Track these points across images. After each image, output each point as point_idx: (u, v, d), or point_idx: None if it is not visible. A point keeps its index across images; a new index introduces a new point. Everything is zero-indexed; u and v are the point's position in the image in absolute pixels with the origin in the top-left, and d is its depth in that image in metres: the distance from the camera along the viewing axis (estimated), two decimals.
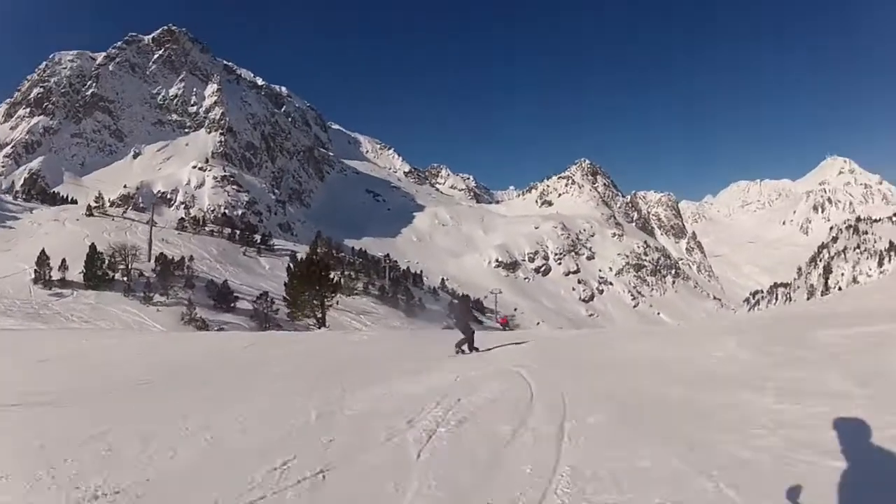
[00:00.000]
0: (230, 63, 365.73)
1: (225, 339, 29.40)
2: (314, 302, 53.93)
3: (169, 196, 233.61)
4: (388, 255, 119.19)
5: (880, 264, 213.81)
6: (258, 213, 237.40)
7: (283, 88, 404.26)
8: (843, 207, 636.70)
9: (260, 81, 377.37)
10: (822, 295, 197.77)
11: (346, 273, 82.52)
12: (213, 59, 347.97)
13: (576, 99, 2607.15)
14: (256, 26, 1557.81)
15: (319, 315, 53.89)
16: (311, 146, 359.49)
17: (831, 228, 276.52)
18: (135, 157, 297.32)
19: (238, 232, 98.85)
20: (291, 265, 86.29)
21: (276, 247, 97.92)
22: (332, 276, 59.30)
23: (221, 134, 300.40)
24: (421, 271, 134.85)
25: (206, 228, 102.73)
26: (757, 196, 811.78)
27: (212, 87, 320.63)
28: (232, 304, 65.37)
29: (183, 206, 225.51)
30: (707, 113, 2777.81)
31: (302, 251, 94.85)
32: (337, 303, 63.12)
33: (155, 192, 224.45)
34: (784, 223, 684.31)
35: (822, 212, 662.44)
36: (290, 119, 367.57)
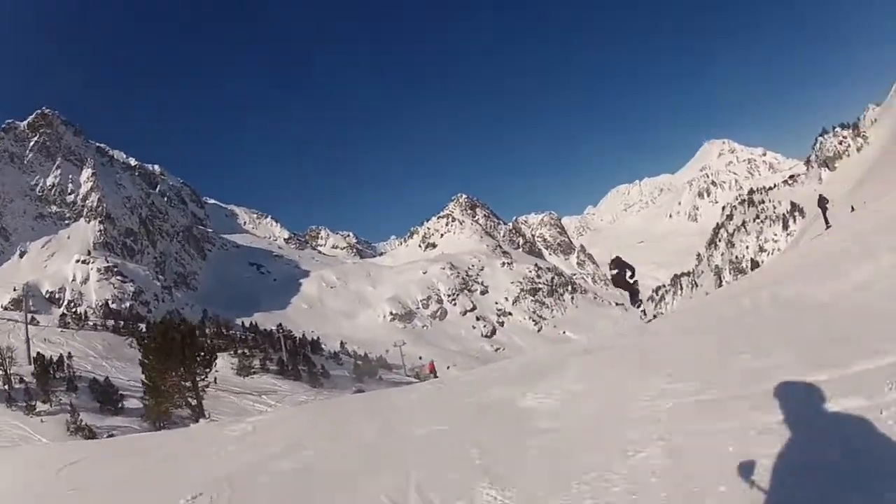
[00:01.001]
0: (102, 144, 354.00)
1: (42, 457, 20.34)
2: (184, 384, 41.22)
3: (57, 295, 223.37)
4: (280, 325, 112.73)
5: (785, 227, 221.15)
6: (146, 302, 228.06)
7: (156, 167, 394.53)
8: (729, 187, 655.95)
9: (133, 161, 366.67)
10: (740, 272, 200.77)
11: (239, 352, 76.65)
12: (86, 142, 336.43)
13: (439, 135, 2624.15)
14: (123, 101, 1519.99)
15: (195, 402, 41.28)
16: (189, 225, 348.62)
17: (724, 208, 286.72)
18: (21, 255, 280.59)
19: (122, 323, 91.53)
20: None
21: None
22: (202, 344, 49.15)
23: (100, 222, 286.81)
24: (318, 338, 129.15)
25: (90, 323, 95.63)
26: (638, 196, 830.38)
27: (87, 173, 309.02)
28: (119, 405, 57.84)
29: (72, 303, 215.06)
30: (573, 126, 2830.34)
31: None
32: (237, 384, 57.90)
33: (43, 291, 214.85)
34: (671, 216, 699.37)
35: (709, 196, 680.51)
36: (165, 199, 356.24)
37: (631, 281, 22.66)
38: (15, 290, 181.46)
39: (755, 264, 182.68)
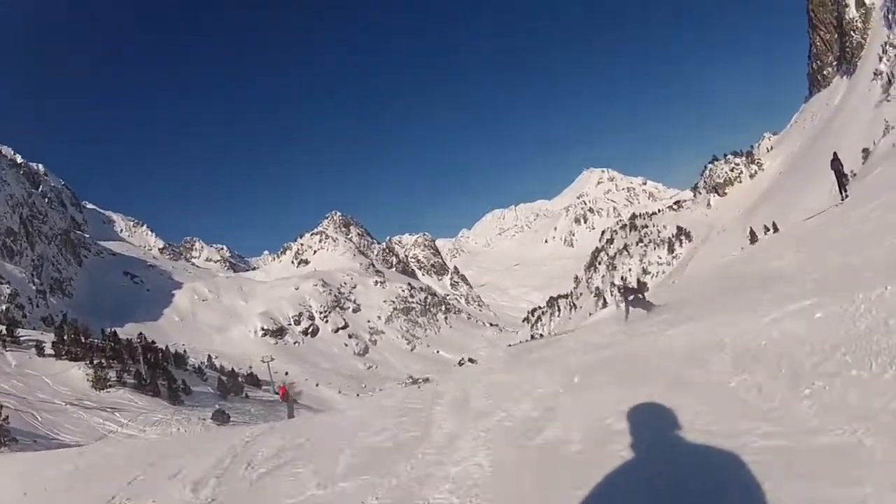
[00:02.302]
0: None
1: None
2: None
3: None
4: (140, 335, 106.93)
5: (671, 250, 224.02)
6: (21, 306, 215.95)
7: (40, 166, 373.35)
8: (607, 214, 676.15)
9: (19, 159, 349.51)
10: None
11: (95, 362, 71.90)
12: None
13: (316, 152, 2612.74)
14: (12, 94, 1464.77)
15: None
16: (67, 229, 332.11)
17: (603, 232, 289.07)
18: None
19: None
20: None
21: (22, 338, 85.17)
22: None
23: None
24: (185, 351, 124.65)
25: None
26: (514, 221, 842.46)
27: None
28: None
29: None
30: (450, 148, 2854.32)
31: (49, 340, 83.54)
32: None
33: None
34: (546, 241, 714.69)
35: (586, 222, 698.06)
36: (46, 200, 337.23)
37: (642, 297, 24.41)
38: None
39: (643, 286, 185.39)
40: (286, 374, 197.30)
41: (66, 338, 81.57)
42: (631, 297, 24.27)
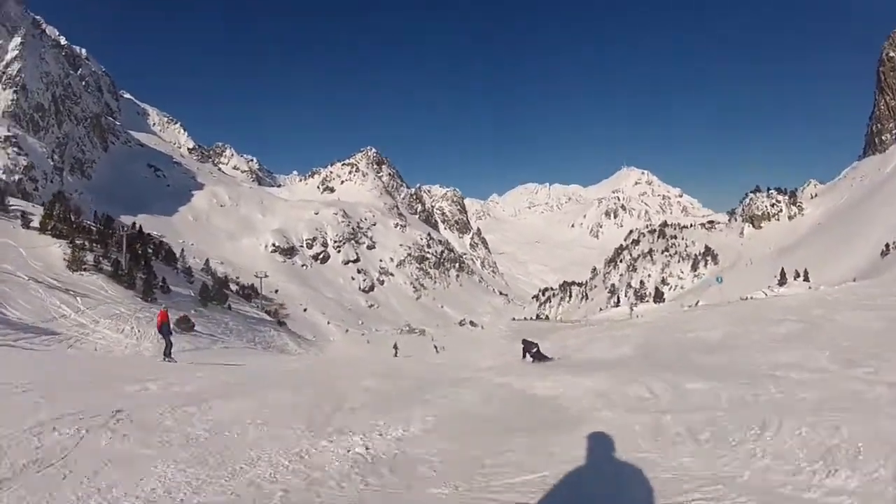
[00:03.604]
0: (39, 17, 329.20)
1: None
2: None
3: None
4: (133, 225, 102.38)
5: (694, 268, 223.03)
6: (34, 179, 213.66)
7: (83, 50, 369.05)
8: (637, 215, 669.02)
9: (63, 41, 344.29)
10: (640, 297, 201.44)
11: (76, 243, 68.30)
12: (25, 12, 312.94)
13: (367, 88, 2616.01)
14: None
15: None
16: (99, 114, 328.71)
17: (631, 231, 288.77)
18: None
19: None
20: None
21: (11, 207, 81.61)
22: None
23: (14, 92, 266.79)
24: (183, 250, 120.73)
25: None
26: (545, 199, 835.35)
27: (16, 41, 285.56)
28: None
29: None
30: (499, 114, 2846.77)
31: (39, 213, 79.99)
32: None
33: None
34: (573, 226, 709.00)
35: (615, 218, 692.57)
36: (83, 83, 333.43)
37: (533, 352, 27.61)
38: None
39: (659, 295, 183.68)
40: (275, 290, 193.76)
41: (54, 213, 77.92)
42: (534, 350, 27.55)
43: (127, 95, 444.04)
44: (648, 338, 29.10)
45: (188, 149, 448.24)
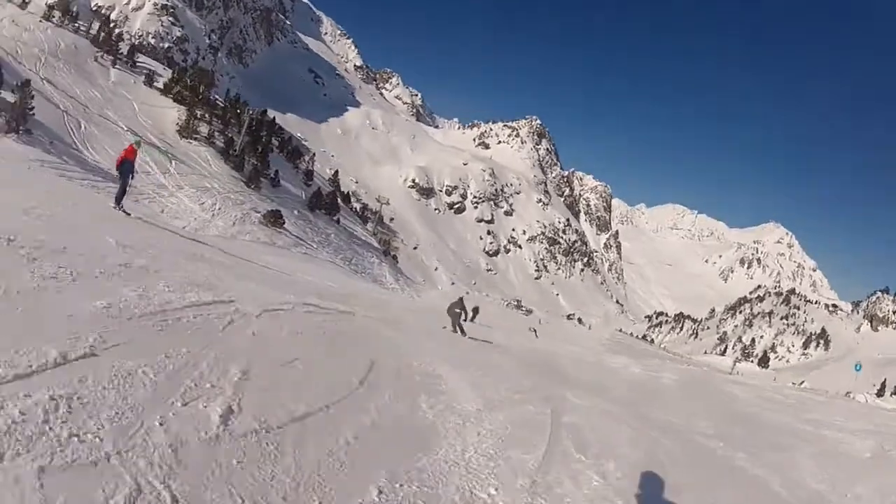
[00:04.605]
0: None
1: None
2: None
3: (104, 11, 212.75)
4: (265, 114, 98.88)
5: (805, 345, 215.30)
6: (185, 51, 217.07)
7: None
8: (769, 273, 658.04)
9: None
10: (746, 354, 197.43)
11: (194, 112, 65.96)
12: None
13: (542, 58, 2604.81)
14: None
15: None
16: (270, 8, 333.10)
17: (758, 287, 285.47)
18: None
19: (104, 33, 79.27)
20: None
21: (139, 63, 79.71)
22: None
23: None
24: (314, 154, 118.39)
25: (77, 24, 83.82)
26: (689, 225, 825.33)
27: None
28: None
29: (113, 24, 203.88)
30: (679, 130, 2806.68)
31: (167, 75, 78.46)
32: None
33: (92, 4, 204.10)
34: (707, 261, 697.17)
35: (748, 268, 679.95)
36: None
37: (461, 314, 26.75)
38: None
39: (765, 360, 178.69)
40: (391, 220, 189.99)
41: (184, 80, 75.96)
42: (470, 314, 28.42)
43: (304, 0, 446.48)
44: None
45: (355, 65, 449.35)
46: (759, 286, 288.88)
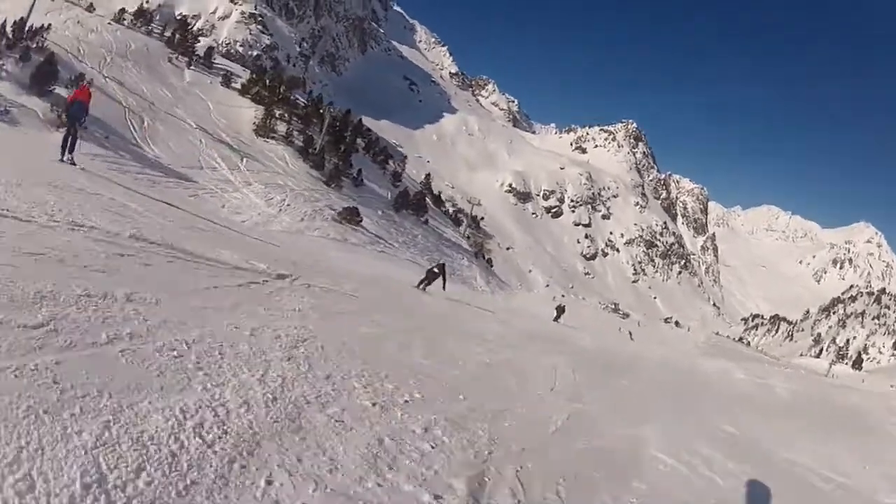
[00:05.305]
0: None
1: None
2: None
3: (189, 20, 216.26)
4: (346, 110, 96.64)
5: None
6: (275, 59, 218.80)
7: None
8: (860, 274, 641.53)
9: None
10: (840, 356, 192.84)
11: (272, 111, 64.37)
12: None
13: (638, 61, 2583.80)
14: None
15: None
16: (362, 17, 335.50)
17: (851, 287, 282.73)
18: None
19: (178, 36, 78.35)
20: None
21: (216, 65, 78.80)
22: None
23: None
24: (405, 157, 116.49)
25: (150, 27, 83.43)
26: (784, 227, 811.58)
27: None
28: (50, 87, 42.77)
29: (199, 31, 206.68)
30: (773, 132, 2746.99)
31: (246, 76, 77.53)
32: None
33: (176, 13, 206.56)
34: (801, 262, 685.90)
35: (840, 269, 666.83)
36: None
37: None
38: (147, 2, 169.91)
39: (858, 362, 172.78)
40: (481, 218, 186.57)
41: (263, 81, 74.82)
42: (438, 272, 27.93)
43: (397, 8, 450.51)
44: None
45: (450, 73, 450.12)
46: (852, 286, 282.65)
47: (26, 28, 50.49)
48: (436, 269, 27.36)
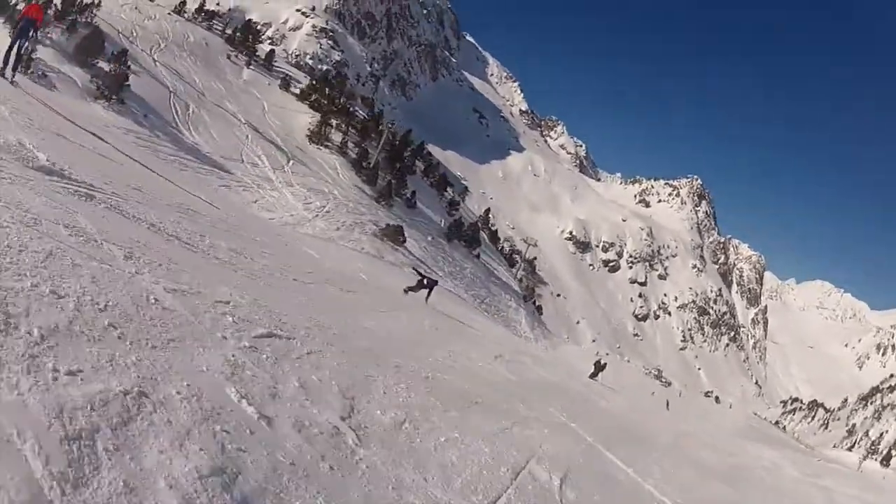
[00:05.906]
0: None
1: None
2: None
3: (260, 27, 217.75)
4: (408, 129, 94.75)
5: None
6: (344, 75, 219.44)
7: None
8: None
9: None
10: (873, 451, 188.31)
11: (328, 119, 62.79)
12: None
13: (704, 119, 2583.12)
14: None
15: None
16: (435, 44, 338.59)
17: (891, 376, 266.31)
18: None
19: (239, 34, 77.23)
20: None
21: (275, 68, 77.30)
22: None
23: None
24: (466, 188, 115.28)
25: (211, 22, 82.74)
26: (834, 305, 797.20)
27: None
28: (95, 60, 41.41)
29: (269, 40, 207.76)
30: (835, 204, 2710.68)
31: (304, 84, 76.16)
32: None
33: (247, 19, 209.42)
34: (846, 346, 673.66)
35: (883, 355, 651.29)
36: (424, 11, 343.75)
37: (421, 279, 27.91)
38: (218, 4, 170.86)
39: (887, 458, 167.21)
40: (534, 258, 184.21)
41: (323, 91, 73.49)
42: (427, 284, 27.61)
43: (469, 38, 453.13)
44: None
45: (520, 110, 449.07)
46: (892, 374, 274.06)
47: (77, 1, 49.71)
48: (425, 282, 27.33)
